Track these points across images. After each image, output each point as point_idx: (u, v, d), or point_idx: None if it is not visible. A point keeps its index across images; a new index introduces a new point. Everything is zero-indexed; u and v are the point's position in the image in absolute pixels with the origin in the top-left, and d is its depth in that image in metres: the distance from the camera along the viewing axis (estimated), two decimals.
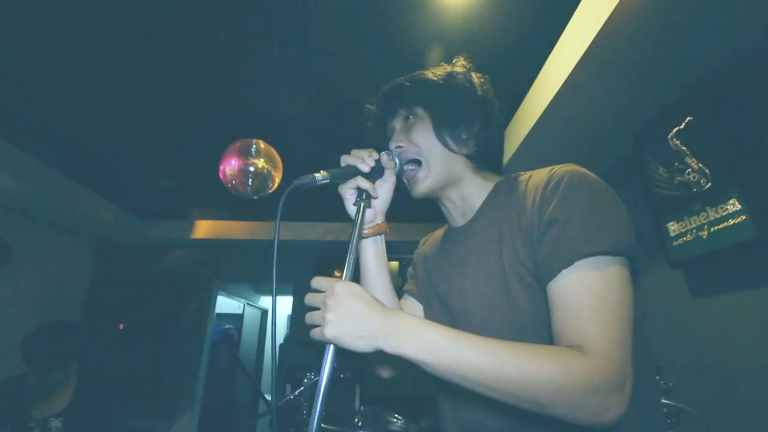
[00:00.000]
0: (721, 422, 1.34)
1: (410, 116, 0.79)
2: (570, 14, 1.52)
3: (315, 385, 1.82)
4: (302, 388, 1.73)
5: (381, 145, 0.81)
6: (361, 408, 1.69)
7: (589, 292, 0.55)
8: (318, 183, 0.66)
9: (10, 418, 1.63)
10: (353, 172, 0.72)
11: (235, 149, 2.18)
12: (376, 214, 0.78)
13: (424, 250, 0.94)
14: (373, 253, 0.78)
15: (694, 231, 1.56)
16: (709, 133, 1.50)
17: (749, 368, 1.37)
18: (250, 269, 4.12)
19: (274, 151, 2.28)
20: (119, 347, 3.52)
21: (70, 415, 1.76)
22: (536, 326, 0.63)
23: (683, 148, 1.62)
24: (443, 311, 0.81)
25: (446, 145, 0.76)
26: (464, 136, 0.77)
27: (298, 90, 2.01)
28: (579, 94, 1.64)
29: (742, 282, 1.45)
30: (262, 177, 2.19)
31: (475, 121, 0.77)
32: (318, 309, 0.59)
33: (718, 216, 1.46)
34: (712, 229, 1.49)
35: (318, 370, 0.58)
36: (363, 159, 0.72)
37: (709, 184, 1.50)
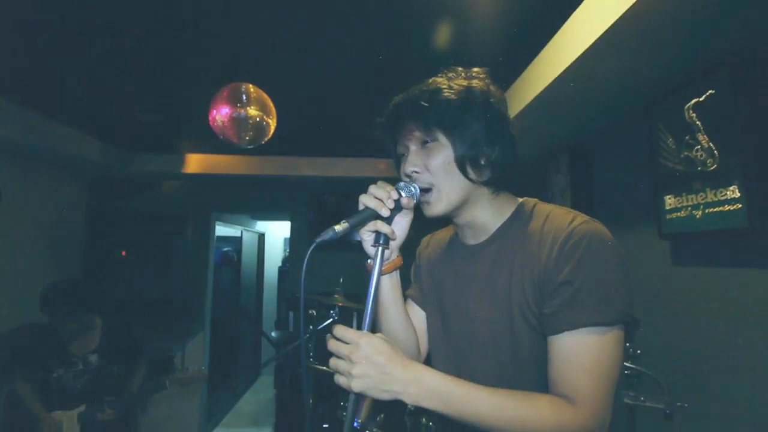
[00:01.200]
0: (677, 385, 1.56)
1: (428, 140, 0.76)
2: None
3: (320, 329, 2.00)
4: (308, 335, 1.90)
5: (396, 178, 0.79)
6: None
7: (588, 355, 0.62)
8: (338, 236, 0.67)
9: (55, 355, 1.94)
10: (373, 215, 0.71)
11: (224, 97, 2.03)
12: (392, 250, 0.79)
13: (428, 254, 0.97)
14: (389, 287, 0.81)
15: (689, 209, 1.60)
16: (728, 113, 1.44)
17: (713, 341, 1.54)
18: (247, 202, 4.15)
19: (265, 96, 2.13)
20: (126, 275, 3.69)
21: (103, 350, 1.98)
22: (534, 362, 0.70)
23: (698, 122, 1.57)
24: (441, 325, 0.88)
25: (466, 175, 0.74)
26: (483, 163, 0.75)
27: (291, 27, 1.80)
28: (606, 55, 1.51)
29: (725, 261, 1.55)
30: (257, 127, 2.09)
31: (495, 147, 0.75)
32: (339, 356, 0.65)
33: (716, 199, 1.48)
34: (706, 211, 1.53)
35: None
36: (383, 202, 0.71)
37: (715, 165, 1.49)
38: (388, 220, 0.73)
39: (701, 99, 1.55)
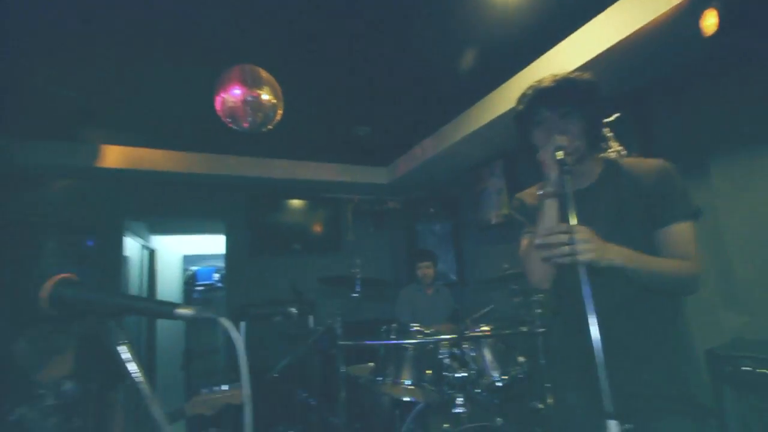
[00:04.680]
0: None
1: (572, 110, 1.05)
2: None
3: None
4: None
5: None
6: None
7: (687, 233, 1.03)
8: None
9: (13, 388, 1.39)
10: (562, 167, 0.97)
11: (238, 76, 1.95)
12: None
13: (531, 202, 1.21)
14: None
15: None
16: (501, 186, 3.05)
17: None
18: (180, 208, 3.73)
19: (275, 81, 2.06)
20: None
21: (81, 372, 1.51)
22: (637, 248, 0.98)
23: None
24: None
25: (589, 141, 1.08)
26: (594, 132, 1.10)
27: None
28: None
29: None
30: (267, 110, 2.02)
31: (599, 123, 1.14)
32: (577, 242, 0.85)
33: None
34: None
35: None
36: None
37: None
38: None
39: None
